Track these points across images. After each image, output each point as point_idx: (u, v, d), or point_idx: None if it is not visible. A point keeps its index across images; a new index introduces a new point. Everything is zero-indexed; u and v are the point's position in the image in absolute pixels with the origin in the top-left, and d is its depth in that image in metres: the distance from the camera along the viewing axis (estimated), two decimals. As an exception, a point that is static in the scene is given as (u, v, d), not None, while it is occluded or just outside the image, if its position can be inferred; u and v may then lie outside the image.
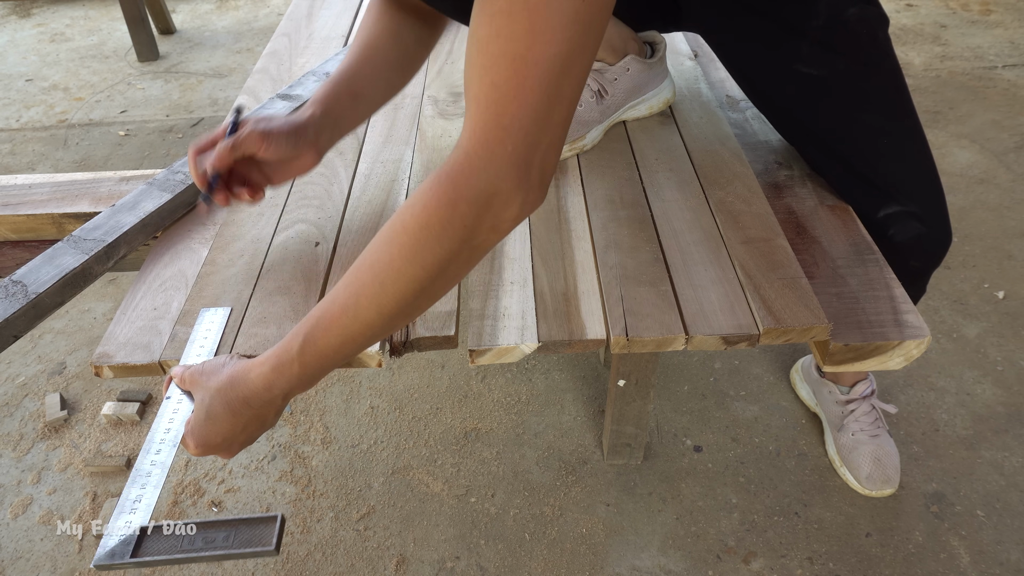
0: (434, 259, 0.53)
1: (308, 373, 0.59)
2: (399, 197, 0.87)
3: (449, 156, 0.53)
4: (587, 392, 1.32)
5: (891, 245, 0.83)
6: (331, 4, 1.41)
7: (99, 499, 1.17)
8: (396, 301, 0.55)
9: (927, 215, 0.84)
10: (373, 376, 1.37)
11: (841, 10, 0.79)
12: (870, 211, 0.84)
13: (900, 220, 0.83)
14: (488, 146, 0.50)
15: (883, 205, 0.83)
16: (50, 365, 1.42)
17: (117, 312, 0.73)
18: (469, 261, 0.56)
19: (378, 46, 0.78)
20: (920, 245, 0.84)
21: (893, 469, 1.11)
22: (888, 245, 0.83)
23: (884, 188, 0.83)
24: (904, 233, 0.83)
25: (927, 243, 0.85)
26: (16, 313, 0.68)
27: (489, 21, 0.48)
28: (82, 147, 2.13)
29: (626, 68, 0.93)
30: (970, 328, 1.40)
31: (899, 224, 0.83)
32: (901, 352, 0.68)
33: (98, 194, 0.91)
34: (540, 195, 0.54)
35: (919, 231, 0.83)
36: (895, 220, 0.83)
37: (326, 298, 0.58)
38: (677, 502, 1.14)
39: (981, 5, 2.69)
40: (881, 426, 1.14)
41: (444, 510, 1.14)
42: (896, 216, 0.83)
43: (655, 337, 0.67)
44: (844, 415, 1.15)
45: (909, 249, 0.84)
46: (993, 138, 1.94)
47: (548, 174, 0.53)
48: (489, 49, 0.49)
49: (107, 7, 3.07)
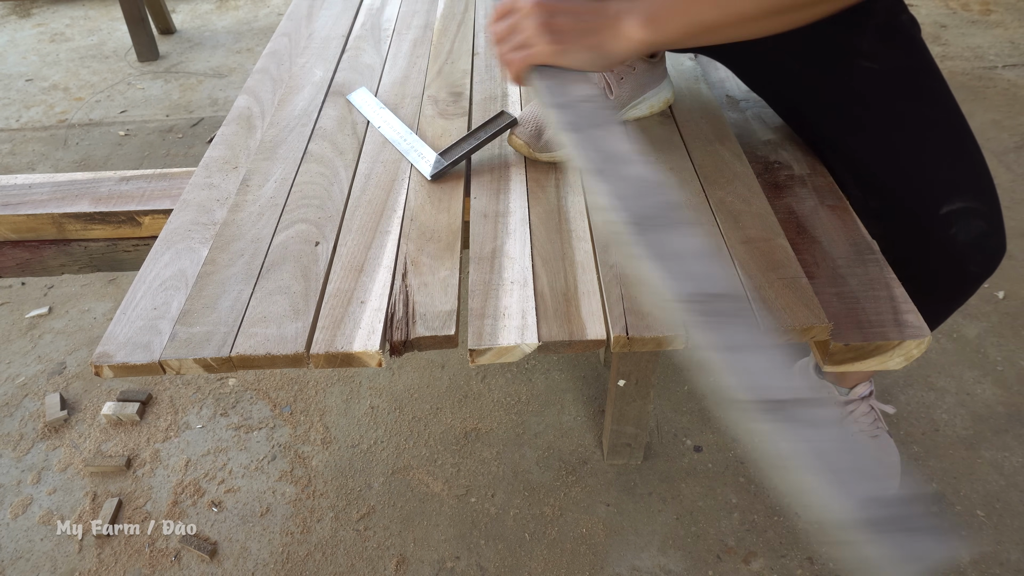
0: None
1: (655, 11, 0.63)
2: (399, 197, 0.87)
3: None
4: (587, 392, 1.32)
5: (951, 246, 0.77)
6: (331, 4, 1.41)
7: (99, 499, 1.17)
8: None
9: (991, 215, 0.78)
10: (373, 376, 1.37)
11: (895, 14, 0.80)
12: (932, 207, 0.77)
13: (964, 217, 0.77)
14: None
15: (947, 200, 0.76)
16: (50, 365, 1.42)
17: (117, 312, 0.73)
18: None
19: None
20: (982, 246, 0.78)
21: (893, 468, 1.11)
22: (944, 247, 0.77)
23: (949, 179, 0.77)
24: (968, 232, 0.77)
25: (989, 245, 0.78)
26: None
27: None
28: (82, 147, 2.13)
29: (632, 67, 0.94)
30: (970, 328, 1.40)
31: (963, 222, 0.77)
32: (901, 352, 0.68)
33: (98, 194, 0.91)
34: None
35: (983, 230, 0.77)
36: (959, 217, 0.77)
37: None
38: (677, 502, 1.14)
39: (981, 5, 2.69)
40: (880, 426, 1.14)
41: (444, 510, 1.14)
42: (960, 213, 0.77)
43: (655, 336, 0.67)
44: (843, 416, 1.15)
45: (970, 250, 0.77)
46: (993, 138, 1.94)
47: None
48: None
49: (107, 7, 3.07)
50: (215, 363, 0.68)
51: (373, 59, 1.21)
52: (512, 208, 0.85)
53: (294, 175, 0.92)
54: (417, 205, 0.86)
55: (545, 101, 0.67)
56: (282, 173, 0.93)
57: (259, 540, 1.11)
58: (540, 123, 0.90)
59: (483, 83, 1.12)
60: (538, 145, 0.90)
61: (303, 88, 1.12)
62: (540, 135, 0.90)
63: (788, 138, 0.99)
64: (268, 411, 1.31)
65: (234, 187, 0.92)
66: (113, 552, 1.10)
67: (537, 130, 0.90)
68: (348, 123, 1.03)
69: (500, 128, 0.93)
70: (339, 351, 0.67)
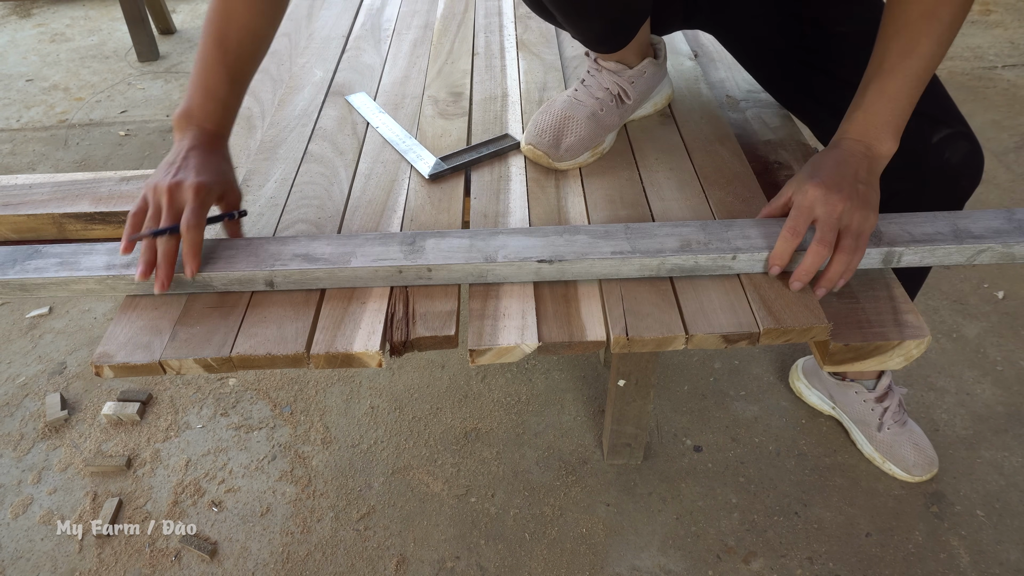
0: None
1: (878, 117, 0.73)
2: (399, 197, 0.87)
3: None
4: (587, 392, 1.32)
5: (946, 169, 0.85)
6: (331, 4, 1.41)
7: (99, 499, 1.17)
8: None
9: (969, 134, 0.87)
10: (373, 376, 1.37)
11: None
12: (924, 138, 0.86)
13: (952, 141, 0.85)
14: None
15: (935, 131, 0.85)
16: (50, 365, 1.42)
17: (117, 312, 0.73)
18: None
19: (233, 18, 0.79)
20: (970, 164, 0.87)
21: (930, 449, 1.15)
22: (942, 170, 0.85)
23: (933, 115, 0.85)
24: (958, 152, 0.85)
25: (975, 161, 0.87)
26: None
27: None
28: (82, 147, 2.13)
29: (643, 71, 0.94)
30: (970, 328, 1.40)
31: (952, 145, 0.85)
32: (901, 352, 0.68)
33: (98, 194, 0.91)
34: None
35: (969, 148, 0.86)
36: (948, 142, 0.85)
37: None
38: (677, 502, 1.14)
39: (981, 5, 2.69)
40: (904, 411, 1.17)
41: (444, 510, 1.14)
42: (949, 138, 0.85)
43: (655, 336, 0.67)
44: (881, 413, 1.15)
45: (963, 169, 0.86)
46: (993, 138, 1.94)
47: None
48: None
49: (107, 7, 3.07)
50: (215, 363, 0.68)
51: (373, 59, 1.21)
52: (512, 208, 0.85)
53: (294, 175, 0.93)
54: (417, 205, 0.86)
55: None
56: (282, 173, 0.93)
57: (259, 540, 1.11)
58: (559, 131, 0.89)
59: (483, 83, 1.12)
60: (557, 154, 0.89)
61: (303, 88, 1.12)
62: (559, 143, 0.88)
63: (788, 138, 0.99)
64: (268, 411, 1.31)
65: (234, 187, 0.92)
66: (113, 552, 1.10)
67: (555, 139, 0.88)
68: (348, 123, 1.03)
69: (502, 147, 0.94)
70: (339, 351, 0.67)
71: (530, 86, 1.10)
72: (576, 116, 0.89)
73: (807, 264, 0.69)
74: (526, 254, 0.71)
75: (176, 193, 0.70)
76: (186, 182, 0.70)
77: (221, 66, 0.77)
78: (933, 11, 0.69)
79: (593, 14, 0.83)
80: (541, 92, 1.09)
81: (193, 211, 0.69)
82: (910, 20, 0.70)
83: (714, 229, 0.74)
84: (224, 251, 0.74)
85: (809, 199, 0.70)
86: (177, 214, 0.70)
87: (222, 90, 0.77)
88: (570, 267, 0.71)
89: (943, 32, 0.70)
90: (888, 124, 0.73)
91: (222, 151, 0.78)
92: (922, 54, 0.70)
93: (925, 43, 0.70)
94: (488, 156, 0.93)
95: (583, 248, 0.72)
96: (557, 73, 1.14)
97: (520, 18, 1.33)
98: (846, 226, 0.69)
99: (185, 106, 0.77)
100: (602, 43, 0.89)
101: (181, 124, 0.76)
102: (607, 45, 0.90)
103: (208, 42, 0.77)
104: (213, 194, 0.72)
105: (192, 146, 0.74)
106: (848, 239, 0.69)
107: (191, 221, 0.69)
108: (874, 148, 0.73)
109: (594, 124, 0.90)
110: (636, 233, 0.74)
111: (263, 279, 0.72)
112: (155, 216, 0.70)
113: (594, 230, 0.74)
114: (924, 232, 0.73)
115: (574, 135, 0.88)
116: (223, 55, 0.77)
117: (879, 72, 0.73)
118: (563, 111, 0.89)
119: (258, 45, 0.81)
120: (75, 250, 0.75)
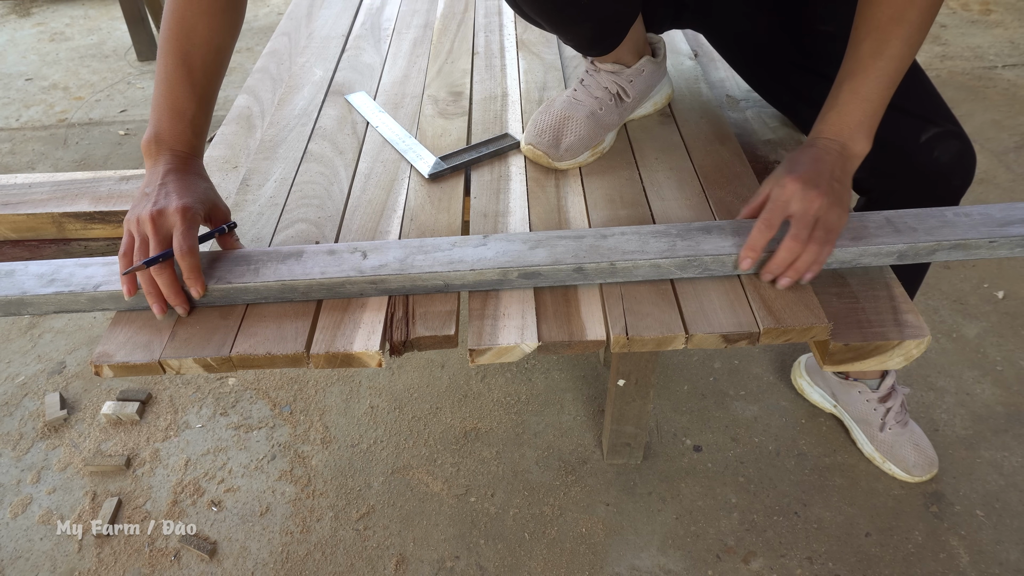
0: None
1: (851, 117, 0.73)
2: (399, 197, 0.87)
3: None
4: (587, 392, 1.32)
5: (937, 168, 0.86)
6: (331, 4, 1.41)
7: (99, 498, 1.17)
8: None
9: (960, 134, 0.87)
10: (373, 376, 1.37)
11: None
12: (913, 137, 0.86)
13: (942, 140, 0.86)
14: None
15: (923, 130, 0.86)
16: (50, 364, 1.42)
17: (117, 311, 0.73)
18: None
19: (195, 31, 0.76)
20: (961, 163, 0.87)
21: (931, 449, 1.15)
22: (933, 169, 0.86)
23: (920, 114, 0.86)
24: (948, 151, 0.86)
25: (966, 161, 0.88)
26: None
27: None
28: (82, 146, 2.13)
29: (641, 70, 0.94)
30: (970, 328, 1.40)
31: (942, 144, 0.86)
32: (901, 352, 0.68)
33: (98, 194, 0.91)
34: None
35: (959, 148, 0.87)
36: (938, 140, 0.86)
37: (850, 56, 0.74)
38: (677, 502, 1.14)
39: (981, 5, 2.69)
40: (906, 412, 1.17)
41: (444, 510, 1.14)
42: (938, 136, 0.86)
43: (655, 336, 0.67)
44: (884, 413, 1.15)
45: (953, 167, 0.87)
46: (993, 138, 1.94)
47: None
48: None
49: (107, 6, 3.07)
50: (215, 363, 0.68)
51: (373, 59, 1.21)
52: (512, 208, 0.85)
53: (294, 175, 0.92)
54: (417, 205, 0.86)
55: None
56: (282, 173, 0.93)
57: (259, 539, 1.11)
58: (558, 130, 0.89)
59: (483, 82, 1.12)
60: (557, 154, 0.89)
61: (303, 87, 1.12)
62: (559, 143, 0.88)
63: (788, 138, 0.99)
64: (268, 411, 1.31)
65: (234, 187, 0.92)
66: (113, 552, 1.10)
67: (555, 138, 0.88)
68: (348, 123, 1.03)
69: (502, 147, 0.94)
70: (339, 351, 0.67)
71: (530, 86, 1.10)
72: (575, 115, 0.89)
73: (779, 258, 0.69)
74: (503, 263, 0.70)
75: (160, 221, 0.68)
76: (169, 208, 0.68)
77: (187, 85, 0.74)
78: (902, 14, 0.70)
79: (579, 20, 0.83)
80: (541, 92, 1.09)
81: (183, 235, 0.67)
82: (880, 23, 0.71)
83: (693, 235, 0.73)
84: (216, 271, 0.73)
85: (787, 193, 0.70)
86: (164, 241, 0.68)
87: (190, 110, 0.75)
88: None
89: (912, 34, 0.71)
90: (861, 124, 0.73)
91: (198, 171, 0.76)
92: (892, 56, 0.71)
93: (895, 45, 0.71)
94: (488, 156, 0.93)
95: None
96: (557, 73, 1.14)
97: (520, 18, 1.33)
98: (819, 220, 0.69)
99: (153, 130, 0.74)
100: (592, 47, 0.90)
101: (151, 150, 0.74)
102: (597, 48, 0.90)
103: (170, 61, 0.74)
104: (199, 215, 0.70)
105: (167, 170, 0.72)
106: (820, 231, 0.69)
107: (184, 247, 0.67)
108: (848, 148, 0.74)
109: (593, 123, 0.90)
110: (591, 253, 0.71)
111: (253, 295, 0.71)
112: (143, 248, 0.68)
113: (551, 245, 0.73)
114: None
115: (574, 134, 0.88)
116: (188, 73, 0.74)
117: (851, 73, 0.73)
118: (562, 111, 0.89)
119: (222, 60, 0.79)
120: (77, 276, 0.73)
